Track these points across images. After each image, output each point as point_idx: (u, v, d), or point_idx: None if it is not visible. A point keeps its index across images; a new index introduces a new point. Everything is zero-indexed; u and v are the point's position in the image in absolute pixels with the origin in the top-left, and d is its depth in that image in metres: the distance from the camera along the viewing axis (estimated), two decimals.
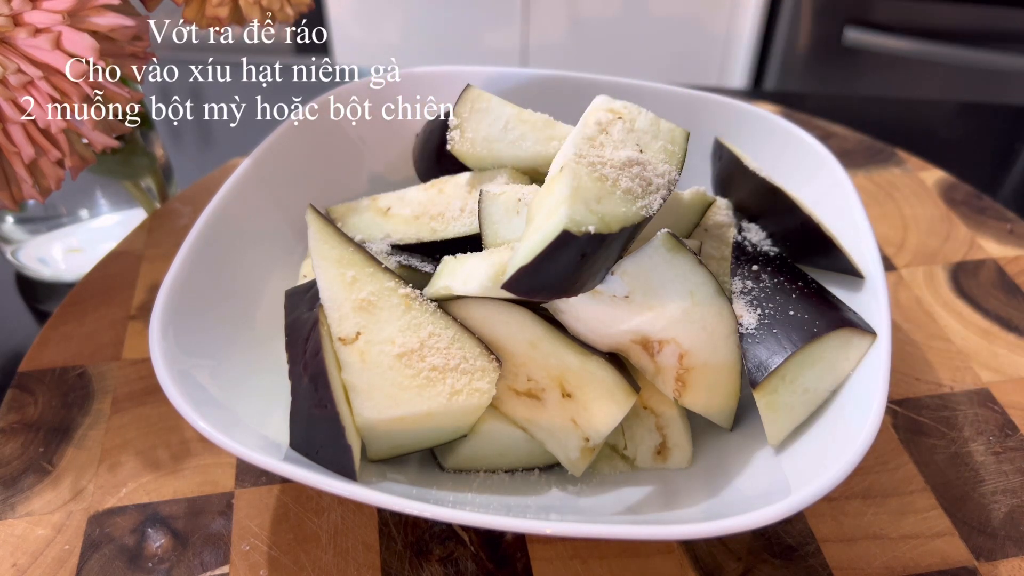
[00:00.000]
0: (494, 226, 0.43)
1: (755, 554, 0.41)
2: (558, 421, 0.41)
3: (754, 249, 0.47)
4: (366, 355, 0.39)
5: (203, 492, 0.44)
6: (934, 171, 0.69)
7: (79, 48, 0.40)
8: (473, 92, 0.49)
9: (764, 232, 0.49)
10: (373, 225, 0.50)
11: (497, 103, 0.48)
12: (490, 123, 0.48)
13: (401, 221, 0.49)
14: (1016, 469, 0.46)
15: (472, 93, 0.49)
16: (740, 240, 0.48)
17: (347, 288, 0.41)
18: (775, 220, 0.49)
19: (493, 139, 0.48)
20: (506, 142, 0.48)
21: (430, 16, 1.56)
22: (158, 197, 0.64)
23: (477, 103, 0.49)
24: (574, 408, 0.40)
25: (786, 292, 0.43)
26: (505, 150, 0.48)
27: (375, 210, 0.51)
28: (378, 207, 0.51)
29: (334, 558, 0.41)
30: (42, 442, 0.47)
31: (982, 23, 1.33)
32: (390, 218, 0.50)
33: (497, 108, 0.48)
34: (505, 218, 0.43)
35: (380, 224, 0.50)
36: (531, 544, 0.42)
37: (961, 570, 0.41)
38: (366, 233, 0.50)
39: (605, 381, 0.40)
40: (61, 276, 0.61)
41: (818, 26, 1.40)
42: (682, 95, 0.58)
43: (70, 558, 0.41)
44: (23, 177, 0.43)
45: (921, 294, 0.57)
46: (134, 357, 0.52)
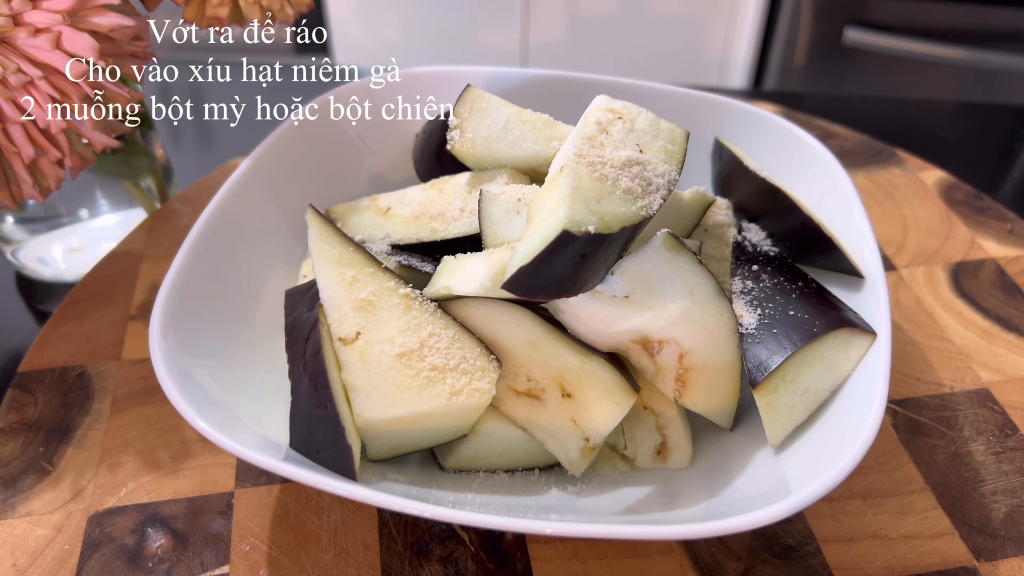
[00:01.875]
0: (494, 226, 0.43)
1: (755, 554, 0.41)
2: (558, 421, 0.41)
3: (754, 249, 0.47)
4: (366, 355, 0.39)
5: (203, 492, 0.44)
6: (934, 171, 0.69)
7: (79, 48, 0.40)
8: (473, 92, 0.49)
9: (764, 232, 0.49)
10: (373, 225, 0.50)
11: (497, 103, 0.48)
12: (490, 123, 0.48)
13: (401, 221, 0.49)
14: (1016, 469, 0.46)
15: (472, 93, 0.49)
16: (740, 240, 0.48)
17: (347, 288, 0.41)
18: (775, 220, 0.49)
19: (493, 139, 0.48)
20: (506, 142, 0.48)
21: (430, 16, 1.56)
22: (158, 197, 0.64)
23: (477, 103, 0.49)
24: (574, 408, 0.40)
25: (786, 292, 0.43)
26: (505, 150, 0.48)
27: (375, 210, 0.51)
28: (378, 207, 0.51)
29: (334, 558, 0.41)
30: (42, 442, 0.47)
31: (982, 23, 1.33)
32: (390, 218, 0.50)
33: (497, 108, 0.48)
34: (505, 218, 0.43)
35: (380, 224, 0.50)
36: (531, 544, 0.42)
37: (961, 570, 0.41)
38: (366, 233, 0.50)
39: (605, 381, 0.40)
40: (61, 276, 0.61)
41: (818, 26, 1.40)
42: (682, 95, 0.58)
43: (70, 558, 0.41)
44: (23, 177, 0.43)
45: (921, 294, 0.57)
46: (134, 357, 0.52)
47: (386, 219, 0.50)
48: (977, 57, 1.32)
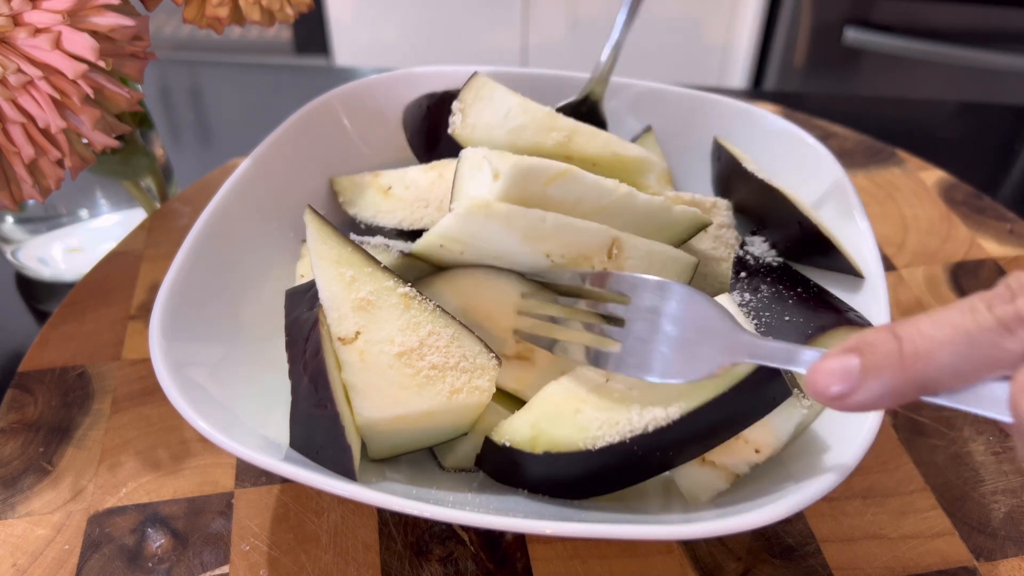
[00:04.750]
0: (460, 182, 0.44)
1: (755, 554, 0.41)
2: (549, 377, 0.42)
3: (756, 262, 0.47)
4: (366, 354, 0.39)
5: (203, 492, 0.44)
6: (934, 171, 0.69)
7: (79, 48, 0.40)
8: (479, 80, 0.49)
9: (767, 244, 0.49)
10: (373, 205, 0.51)
11: (502, 93, 0.49)
12: (492, 111, 0.48)
13: (401, 203, 0.49)
14: (1016, 469, 0.45)
15: (478, 81, 0.49)
16: (742, 255, 0.48)
17: (346, 287, 0.41)
18: (774, 220, 0.49)
19: (493, 126, 0.48)
20: (505, 130, 0.48)
21: (430, 16, 1.56)
22: (158, 197, 0.64)
23: (482, 91, 0.49)
24: (564, 363, 0.41)
25: (783, 299, 0.43)
26: (503, 137, 0.48)
27: (376, 187, 0.51)
28: (379, 184, 0.51)
29: (334, 558, 0.41)
30: (42, 442, 0.47)
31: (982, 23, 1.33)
32: (391, 198, 0.50)
33: (501, 97, 0.48)
34: (470, 174, 0.44)
35: (380, 204, 0.50)
36: (531, 544, 0.42)
37: (961, 570, 0.41)
38: (363, 209, 0.50)
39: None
40: (61, 276, 0.61)
41: (818, 26, 1.40)
42: (682, 95, 0.58)
43: (70, 558, 0.41)
44: (23, 177, 0.43)
45: (921, 294, 0.57)
46: (134, 357, 0.52)
47: (387, 199, 0.50)
48: (977, 57, 1.32)
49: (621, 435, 0.35)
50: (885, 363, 0.27)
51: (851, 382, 0.28)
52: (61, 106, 0.41)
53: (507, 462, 0.38)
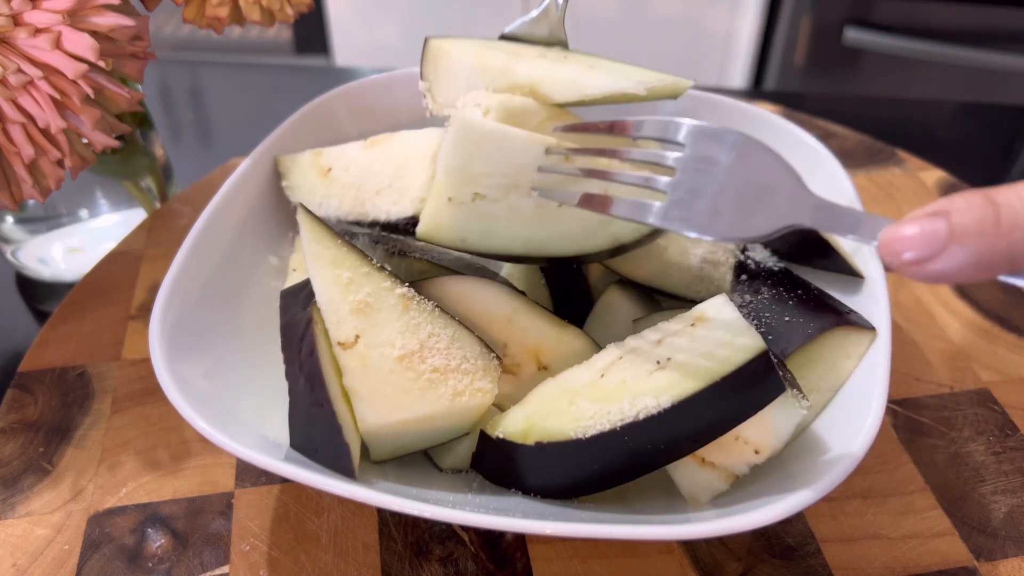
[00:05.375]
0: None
1: (755, 554, 0.41)
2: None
3: (757, 267, 0.47)
4: (366, 359, 0.39)
5: (203, 492, 0.44)
6: (934, 171, 0.69)
7: (79, 48, 0.40)
8: (432, 46, 0.46)
9: (768, 250, 0.49)
10: (316, 190, 0.47)
11: (457, 57, 0.46)
12: (454, 83, 0.46)
13: (339, 187, 0.46)
14: (1016, 469, 0.46)
15: (432, 49, 0.46)
16: (743, 260, 0.48)
17: (343, 290, 0.40)
18: None
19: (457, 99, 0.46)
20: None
21: (430, 16, 1.56)
22: (158, 197, 0.64)
23: (439, 60, 0.46)
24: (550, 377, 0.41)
25: (783, 301, 0.44)
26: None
27: (317, 169, 0.48)
28: (320, 165, 0.48)
29: (334, 558, 0.41)
30: (42, 442, 0.47)
31: (982, 23, 1.33)
32: (331, 181, 0.47)
33: (457, 63, 0.45)
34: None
35: (318, 187, 0.47)
36: (531, 544, 0.42)
37: (961, 570, 0.41)
38: (305, 196, 0.47)
39: (581, 351, 0.41)
40: (61, 276, 0.61)
41: (818, 26, 1.40)
42: None
43: (70, 558, 0.41)
44: (23, 177, 0.43)
45: (921, 294, 0.57)
46: (134, 357, 0.52)
47: (326, 181, 0.47)
48: (977, 57, 1.32)
49: (612, 423, 0.35)
50: (976, 229, 0.24)
51: (934, 247, 0.25)
52: (61, 106, 0.41)
53: (501, 457, 0.38)
